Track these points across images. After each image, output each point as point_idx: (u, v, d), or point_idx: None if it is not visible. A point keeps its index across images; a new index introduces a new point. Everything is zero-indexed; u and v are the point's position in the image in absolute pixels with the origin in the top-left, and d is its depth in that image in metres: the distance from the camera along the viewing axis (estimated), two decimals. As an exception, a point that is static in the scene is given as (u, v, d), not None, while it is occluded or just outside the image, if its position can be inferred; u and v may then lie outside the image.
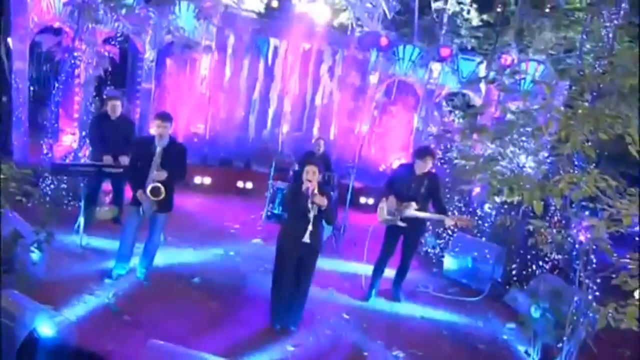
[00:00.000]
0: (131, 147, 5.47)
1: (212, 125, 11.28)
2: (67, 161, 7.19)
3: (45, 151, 7.37)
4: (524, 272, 7.01)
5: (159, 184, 4.90)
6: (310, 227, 4.61)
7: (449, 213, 6.10)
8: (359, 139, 12.32)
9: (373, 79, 12.44)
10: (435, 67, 11.82)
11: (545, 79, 9.28)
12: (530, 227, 5.03)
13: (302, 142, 12.10)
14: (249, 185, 9.71)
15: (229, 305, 5.17)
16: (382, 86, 12.62)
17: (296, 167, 7.67)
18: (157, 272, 5.46)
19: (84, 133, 7.44)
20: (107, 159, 6.09)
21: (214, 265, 6.09)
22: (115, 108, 6.33)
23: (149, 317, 4.63)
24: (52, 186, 6.94)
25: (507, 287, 6.75)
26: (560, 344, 4.77)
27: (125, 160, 6.19)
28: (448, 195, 7.80)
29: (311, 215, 4.60)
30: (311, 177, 4.61)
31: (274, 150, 11.37)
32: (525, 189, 4.07)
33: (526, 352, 5.31)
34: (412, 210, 5.55)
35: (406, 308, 5.87)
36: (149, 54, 9.96)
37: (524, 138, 5.48)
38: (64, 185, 7.02)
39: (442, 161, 8.25)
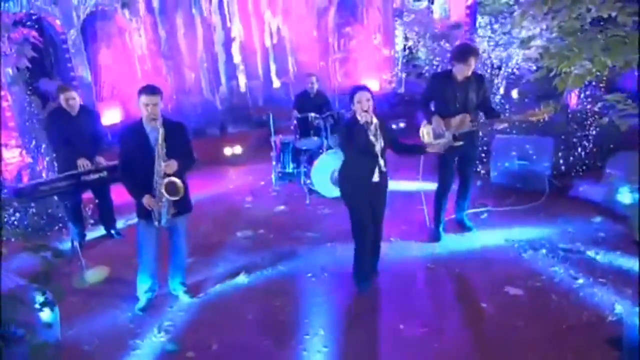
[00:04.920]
0: (120, 141, 3.88)
1: (168, 96, 9.72)
2: (26, 179, 5.71)
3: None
4: (571, 159, 6.29)
5: (174, 178, 3.65)
6: (381, 162, 3.79)
7: None
8: (324, 71, 11.27)
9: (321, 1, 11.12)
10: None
11: None
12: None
13: (267, 90, 10.91)
14: (238, 150, 8.39)
15: (298, 295, 4.12)
16: (332, 8, 11.30)
17: (297, 115, 6.45)
18: (193, 284, 4.33)
19: (33, 143, 5.90)
20: (84, 163, 4.73)
21: (252, 255, 4.93)
22: (72, 102, 4.89)
23: (212, 341, 3.54)
24: (17, 215, 5.52)
25: (563, 180, 6.02)
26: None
27: (101, 161, 4.89)
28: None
29: (378, 149, 3.74)
30: (366, 105, 3.73)
31: (246, 105, 10.10)
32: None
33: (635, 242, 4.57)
34: (467, 123, 4.53)
35: (486, 236, 4.95)
36: (73, 32, 8.23)
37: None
38: (33, 210, 5.61)
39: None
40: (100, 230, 5.52)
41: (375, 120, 3.76)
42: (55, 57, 8.43)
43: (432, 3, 11.01)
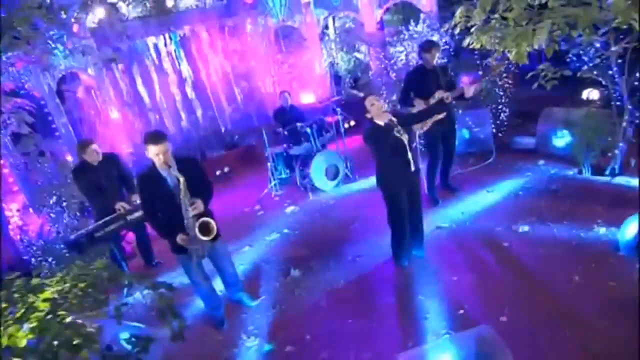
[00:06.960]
0: (140, 189, 3.25)
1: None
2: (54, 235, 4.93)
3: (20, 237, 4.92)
4: (498, 122, 6.55)
5: (205, 218, 3.19)
6: (409, 155, 3.52)
7: None
8: (270, 92, 10.94)
9: (254, 38, 10.75)
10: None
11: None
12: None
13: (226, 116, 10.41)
14: (226, 168, 7.85)
15: (354, 277, 3.90)
16: (265, 40, 10.97)
17: (284, 132, 6.08)
18: (249, 287, 3.95)
19: (54, 198, 5.10)
20: (121, 206, 4.17)
21: (290, 252, 4.62)
22: (94, 153, 4.22)
23: (302, 333, 3.25)
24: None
25: (500, 140, 6.25)
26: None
27: (136, 199, 4.33)
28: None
29: (405, 139, 3.49)
30: (383, 105, 3.50)
31: (218, 130, 9.54)
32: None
33: (578, 171, 4.84)
34: (442, 94, 4.49)
35: (471, 192, 4.97)
36: (50, 97, 7.29)
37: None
38: (67, 256, 4.86)
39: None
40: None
41: (393, 119, 3.49)
42: (40, 118, 7.43)
43: (327, 28, 11.15)
